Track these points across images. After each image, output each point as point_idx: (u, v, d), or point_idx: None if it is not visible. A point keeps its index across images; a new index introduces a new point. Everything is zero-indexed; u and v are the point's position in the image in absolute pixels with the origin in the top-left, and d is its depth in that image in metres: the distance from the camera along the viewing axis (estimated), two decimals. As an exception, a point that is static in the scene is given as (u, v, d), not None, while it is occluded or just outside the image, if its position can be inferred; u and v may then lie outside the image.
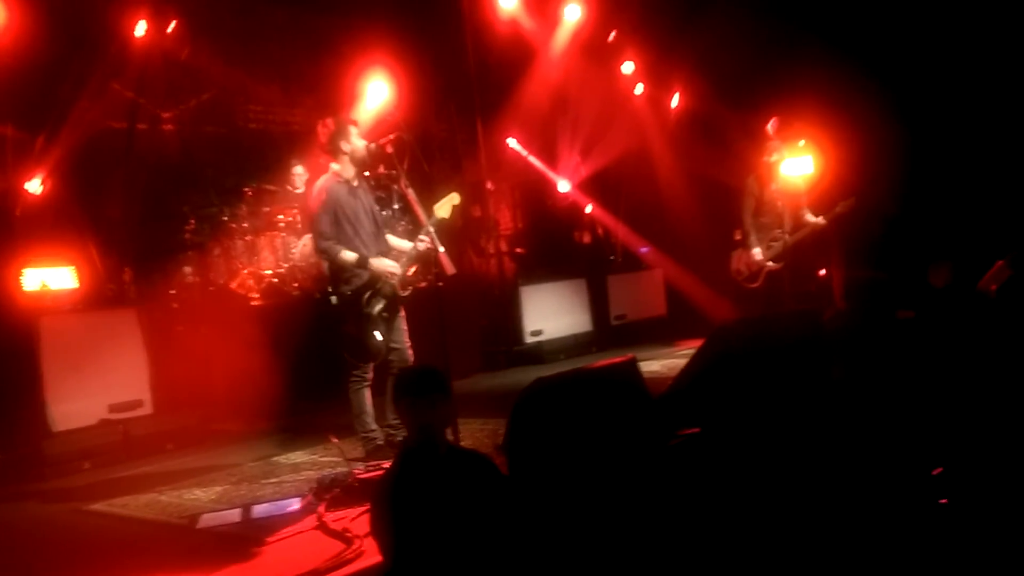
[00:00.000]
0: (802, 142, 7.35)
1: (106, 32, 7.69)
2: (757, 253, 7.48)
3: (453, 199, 5.29)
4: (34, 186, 7.20)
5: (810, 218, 7.35)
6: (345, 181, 5.24)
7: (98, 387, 6.02)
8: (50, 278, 6.58)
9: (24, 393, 5.77)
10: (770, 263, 7.45)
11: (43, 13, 6.92)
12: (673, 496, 3.95)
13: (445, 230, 5.44)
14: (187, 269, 8.01)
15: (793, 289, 7.34)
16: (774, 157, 7.40)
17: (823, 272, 8.26)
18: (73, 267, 6.77)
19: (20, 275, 6.44)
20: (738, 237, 7.75)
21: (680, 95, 11.53)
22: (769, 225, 7.48)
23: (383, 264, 5.18)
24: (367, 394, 5.21)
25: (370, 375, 5.23)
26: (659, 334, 9.73)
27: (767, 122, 7.58)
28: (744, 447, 4.31)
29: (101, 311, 6.62)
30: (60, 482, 5.50)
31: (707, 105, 10.82)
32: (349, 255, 5.08)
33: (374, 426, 5.20)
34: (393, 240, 5.52)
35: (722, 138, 10.18)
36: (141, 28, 7.85)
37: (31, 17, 6.84)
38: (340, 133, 5.23)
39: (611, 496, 3.90)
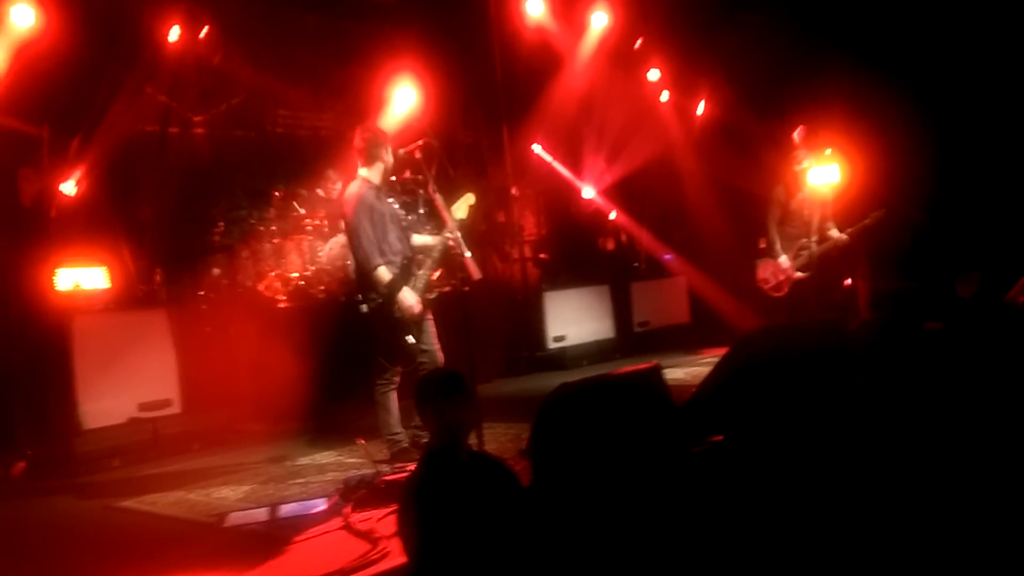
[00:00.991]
0: (829, 151, 7.32)
1: (141, 37, 7.83)
2: (784, 262, 7.45)
3: (469, 199, 5.34)
4: (69, 187, 7.32)
5: (834, 233, 7.32)
6: (375, 187, 5.31)
7: (128, 386, 6.12)
8: (83, 278, 6.70)
9: (57, 391, 5.88)
10: (797, 272, 7.42)
11: (79, 17, 7.05)
12: (696, 503, 3.96)
13: (469, 234, 5.49)
14: (216, 271, 8.12)
15: (818, 299, 7.31)
16: (801, 166, 7.38)
17: (848, 282, 8.22)
18: (105, 268, 6.88)
19: (54, 275, 6.56)
20: (762, 246, 7.74)
21: (706, 103, 11.51)
22: (795, 235, 7.46)
23: (406, 298, 5.17)
24: (394, 397, 5.26)
25: (397, 378, 5.28)
26: (682, 341, 9.72)
27: (793, 130, 7.56)
28: (768, 455, 4.31)
29: (132, 311, 6.73)
30: (90, 479, 5.61)
31: (733, 113, 10.80)
32: (384, 274, 5.11)
33: (399, 428, 5.25)
34: (417, 239, 5.57)
35: (748, 146, 10.15)
36: (175, 33, 7.98)
37: (68, 21, 6.97)
38: (380, 142, 5.31)
39: (634, 503, 3.92)
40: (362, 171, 5.33)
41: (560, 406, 4.85)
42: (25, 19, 6.92)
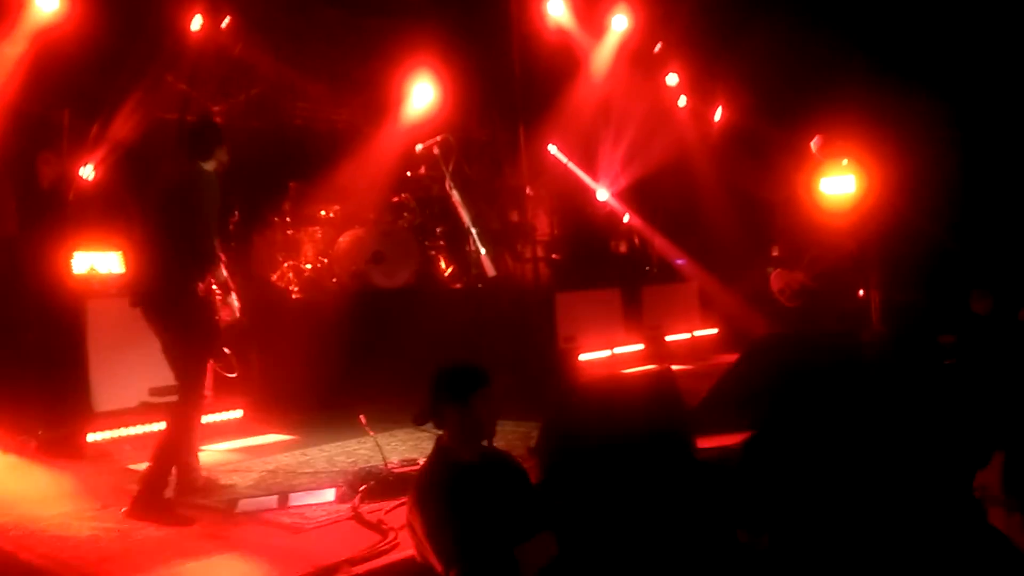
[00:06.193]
0: (845, 161, 7.30)
1: (163, 25, 7.87)
2: (796, 272, 7.44)
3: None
4: (87, 172, 7.37)
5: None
6: None
7: (140, 371, 6.11)
8: (98, 262, 6.74)
9: (70, 373, 5.92)
10: (810, 282, 7.41)
11: (102, 3, 7.10)
12: (704, 505, 3.96)
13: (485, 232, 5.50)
14: (229, 260, 8.14)
15: (831, 309, 7.29)
16: (817, 175, 7.37)
17: (862, 293, 8.20)
18: (121, 252, 6.92)
19: (70, 258, 6.60)
20: (776, 254, 7.73)
21: (723, 108, 11.51)
22: (809, 244, 7.45)
23: None
24: None
25: None
26: (693, 346, 9.70)
27: (811, 139, 7.54)
28: (780, 460, 4.30)
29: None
30: (101, 462, 5.63)
31: (750, 120, 10.79)
32: None
33: None
34: None
35: (764, 154, 10.13)
36: (197, 22, 8.02)
37: (91, 6, 7.02)
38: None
39: (642, 502, 3.92)
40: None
41: (569, 405, 4.87)
42: (49, 3, 6.98)
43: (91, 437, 5.75)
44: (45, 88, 6.95)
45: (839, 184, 7.31)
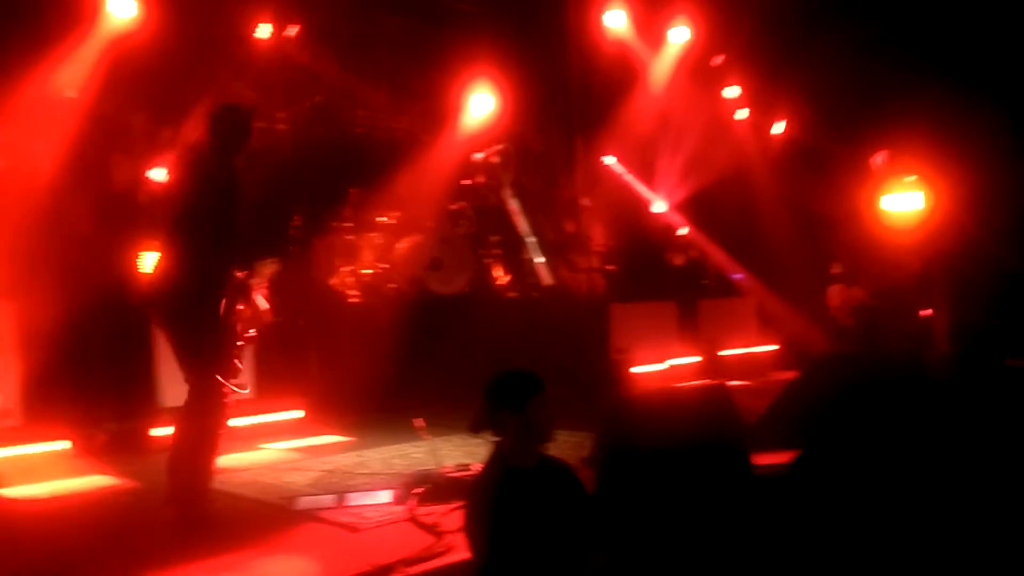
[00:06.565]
0: (911, 178, 7.17)
1: (233, 32, 8.09)
2: (856, 289, 7.32)
3: (272, 265, 4.91)
4: (158, 175, 7.59)
5: None
6: None
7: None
8: (166, 262, 6.90)
9: (138, 370, 6.10)
10: (870, 300, 7.27)
11: (176, 11, 7.33)
12: (761, 523, 3.91)
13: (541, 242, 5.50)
14: (290, 264, 8.31)
15: (892, 328, 7.15)
16: (880, 191, 7.25)
17: (926, 312, 8.02)
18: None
19: (140, 258, 6.80)
20: (836, 271, 7.61)
21: (784, 122, 11.37)
22: (871, 261, 7.32)
23: None
24: None
25: None
26: (749, 362, 9.57)
27: (875, 155, 7.41)
28: (837, 482, 4.23)
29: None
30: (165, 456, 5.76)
31: (812, 134, 10.65)
32: None
33: None
34: None
35: (825, 168, 9.98)
36: (265, 31, 8.23)
37: (165, 14, 7.26)
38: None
39: (696, 516, 3.89)
40: None
41: (624, 417, 4.85)
42: (126, 10, 7.24)
43: (156, 432, 5.91)
44: (120, 93, 7.19)
45: (903, 201, 7.17)
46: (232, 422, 6.19)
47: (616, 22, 9.93)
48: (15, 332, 5.91)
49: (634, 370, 8.56)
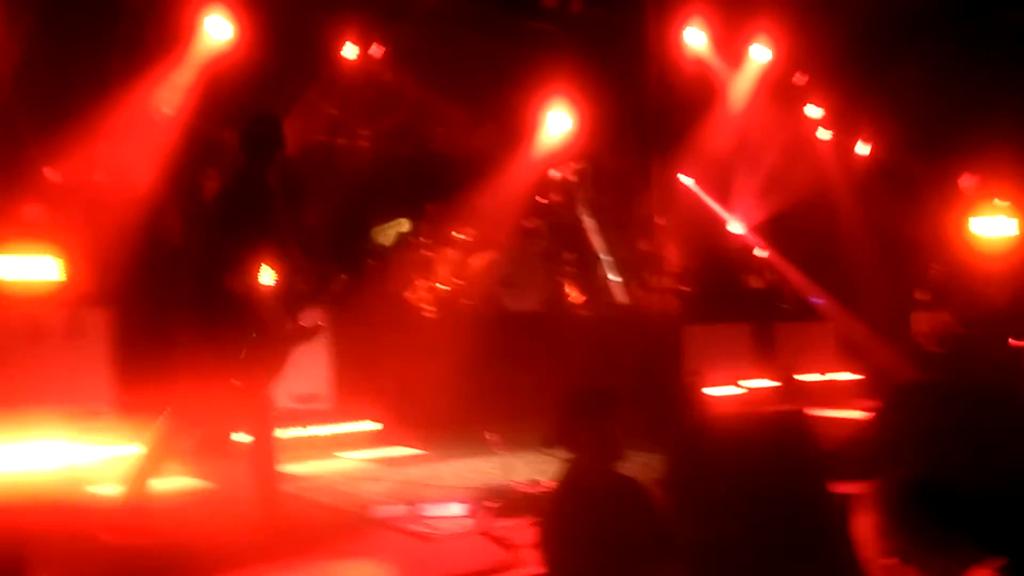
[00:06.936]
0: (1002, 202, 6.91)
1: (319, 52, 8.37)
2: (943, 314, 7.07)
3: (400, 225, 4.96)
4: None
5: None
6: None
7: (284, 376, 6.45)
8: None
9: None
10: (959, 327, 7.01)
11: (267, 31, 7.63)
12: (835, 550, 3.81)
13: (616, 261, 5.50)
14: (367, 277, 8.49)
15: (983, 357, 6.87)
16: (968, 214, 7.00)
17: (1018, 342, 7.69)
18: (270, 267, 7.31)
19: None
20: (922, 297, 7.36)
21: (868, 142, 11.10)
22: (959, 288, 7.06)
23: None
24: None
25: None
26: (827, 388, 9.34)
27: (962, 177, 7.18)
28: (917, 511, 4.09)
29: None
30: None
31: (898, 155, 10.37)
32: None
33: None
34: None
35: (912, 191, 9.70)
36: (351, 51, 8.48)
37: (257, 34, 7.57)
38: None
39: (770, 543, 3.82)
40: None
41: (699, 439, 4.79)
42: (222, 33, 7.56)
43: (236, 437, 6.09)
44: (211, 108, 7.50)
45: (994, 225, 6.91)
46: (310, 431, 6.42)
47: (696, 40, 9.88)
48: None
49: (707, 392, 8.44)
